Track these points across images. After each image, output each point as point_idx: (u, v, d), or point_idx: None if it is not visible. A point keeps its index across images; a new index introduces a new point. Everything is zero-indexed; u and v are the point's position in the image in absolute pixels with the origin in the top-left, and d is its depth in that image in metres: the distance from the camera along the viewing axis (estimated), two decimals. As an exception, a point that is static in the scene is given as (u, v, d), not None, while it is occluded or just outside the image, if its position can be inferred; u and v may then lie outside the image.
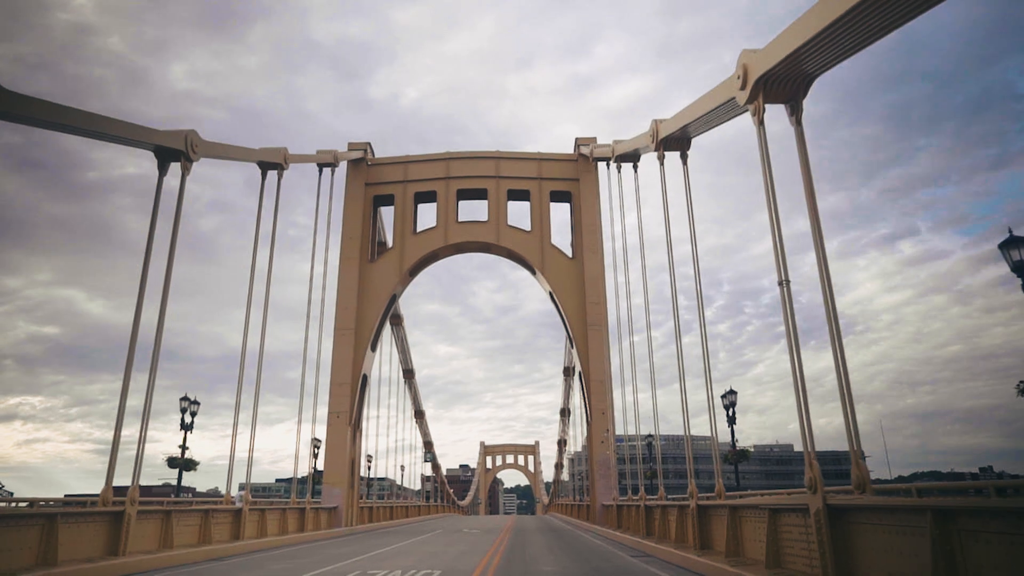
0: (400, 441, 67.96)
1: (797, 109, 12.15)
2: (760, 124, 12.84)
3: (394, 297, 39.64)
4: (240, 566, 16.20)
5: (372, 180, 40.66)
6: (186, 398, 30.53)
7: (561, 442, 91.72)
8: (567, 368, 63.96)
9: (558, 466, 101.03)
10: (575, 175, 40.23)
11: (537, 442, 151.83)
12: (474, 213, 40.76)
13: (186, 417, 30.48)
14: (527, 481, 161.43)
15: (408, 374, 60.12)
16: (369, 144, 40.71)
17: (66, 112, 16.11)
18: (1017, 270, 12.94)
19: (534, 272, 39.86)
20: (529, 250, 39.31)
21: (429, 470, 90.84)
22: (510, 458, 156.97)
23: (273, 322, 28.20)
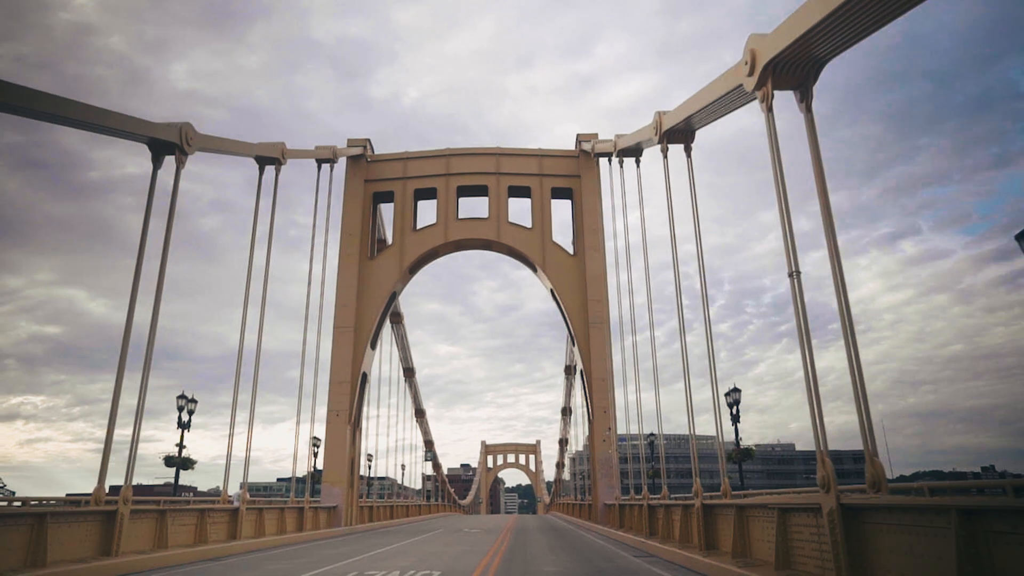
0: (401, 440, 67.73)
1: (807, 95, 11.80)
2: (769, 111, 12.46)
3: (394, 295, 39.31)
4: (236, 566, 15.91)
5: (372, 177, 40.28)
6: (183, 396, 30.24)
7: (562, 441, 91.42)
8: (568, 366, 63.67)
9: (559, 465, 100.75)
10: (576, 172, 39.84)
11: (538, 441, 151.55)
12: (474, 210, 40.41)
13: (183, 416, 30.21)
14: (528, 480, 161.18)
15: (408, 373, 59.89)
16: (368, 140, 40.29)
17: (60, 104, 15.84)
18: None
19: (535, 270, 39.49)
20: (530, 247, 38.94)
21: (430, 469, 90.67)
22: (511, 457, 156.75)
23: (273, 321, 27.90)
